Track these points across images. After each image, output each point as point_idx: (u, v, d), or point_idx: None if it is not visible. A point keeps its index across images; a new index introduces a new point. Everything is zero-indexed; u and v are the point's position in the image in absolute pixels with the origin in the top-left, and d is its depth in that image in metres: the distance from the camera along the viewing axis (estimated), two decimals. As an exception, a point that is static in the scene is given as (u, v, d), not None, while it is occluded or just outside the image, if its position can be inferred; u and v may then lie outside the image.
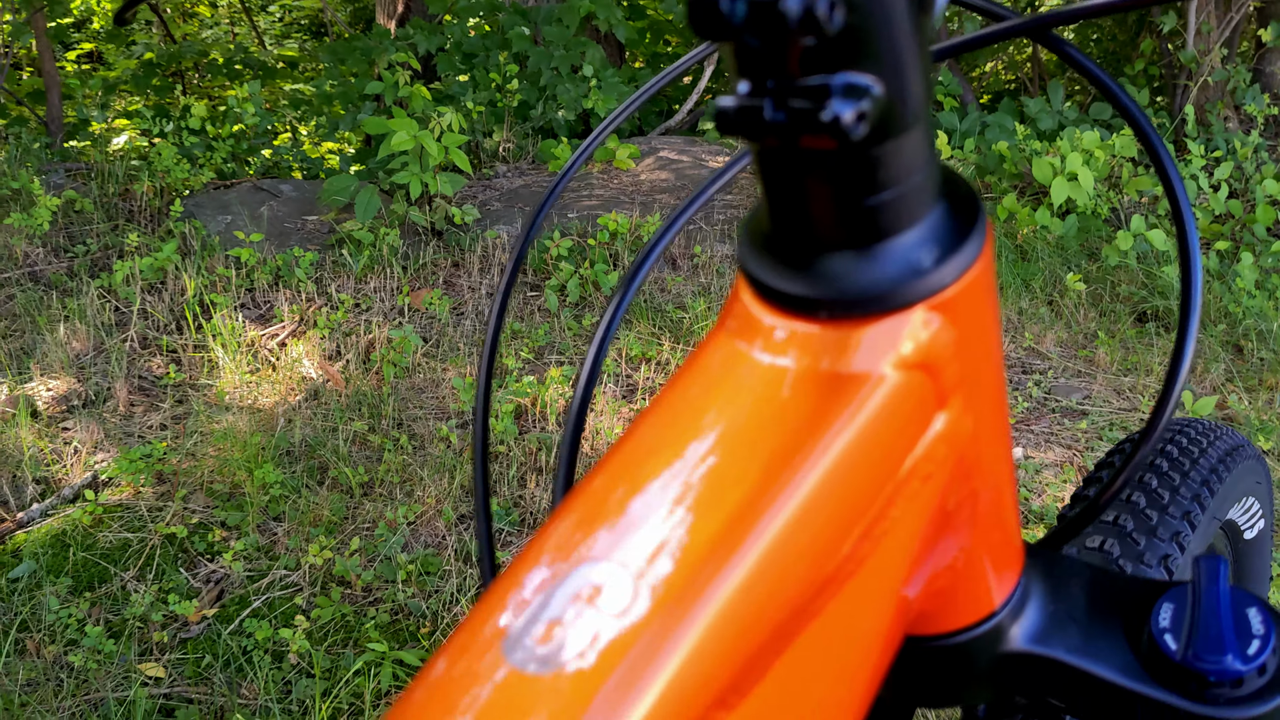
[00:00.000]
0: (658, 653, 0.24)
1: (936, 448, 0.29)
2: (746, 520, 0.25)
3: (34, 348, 2.52)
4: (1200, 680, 0.35)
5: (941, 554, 0.33)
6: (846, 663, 0.29)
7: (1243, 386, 2.55)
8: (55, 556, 1.91)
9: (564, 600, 0.25)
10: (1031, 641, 0.38)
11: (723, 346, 0.29)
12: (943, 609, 0.36)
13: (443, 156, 3.10)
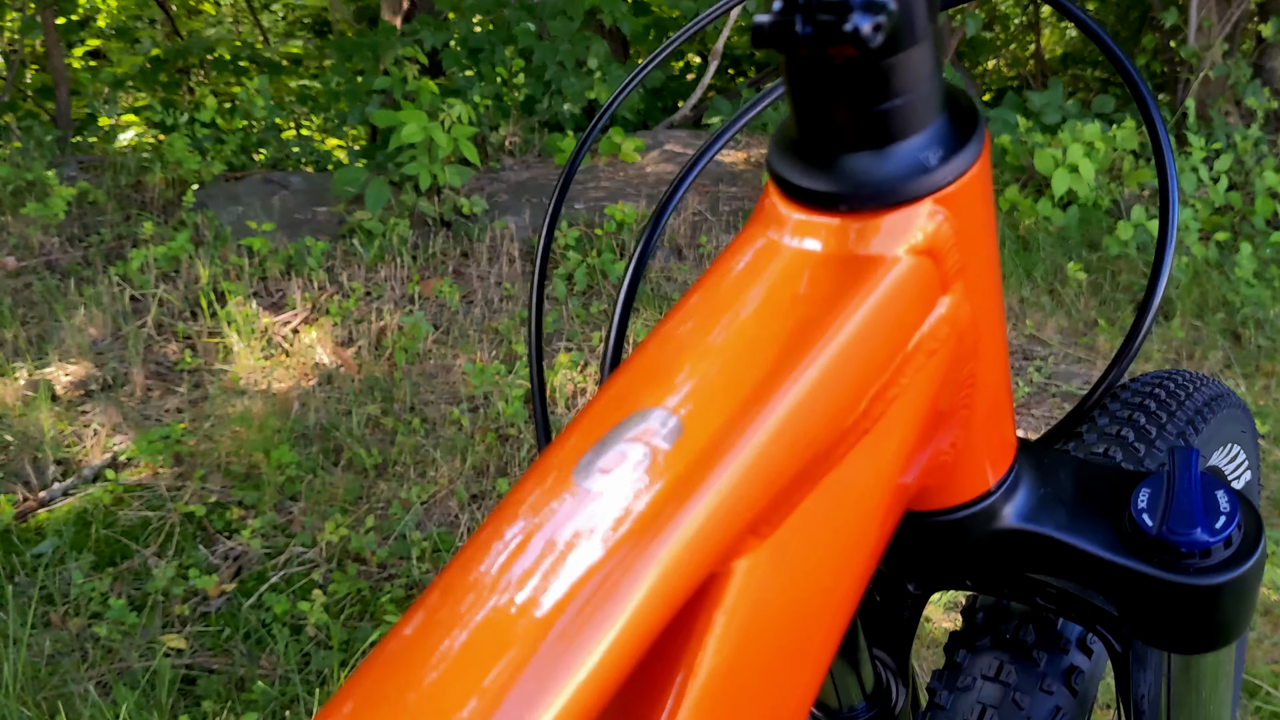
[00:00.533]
0: (704, 479, 0.28)
1: (940, 327, 0.33)
2: (781, 374, 0.30)
3: (52, 334, 2.56)
4: (1173, 552, 0.39)
5: (944, 432, 0.37)
6: (859, 511, 0.33)
7: (1240, 373, 2.59)
8: (77, 534, 1.96)
9: (623, 437, 0.29)
10: (1022, 520, 0.42)
11: (755, 238, 0.33)
12: (942, 486, 0.40)
13: (451, 148, 3.14)
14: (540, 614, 0.26)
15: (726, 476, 0.28)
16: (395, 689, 0.25)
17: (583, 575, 0.27)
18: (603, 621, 0.27)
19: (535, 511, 0.28)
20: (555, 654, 0.26)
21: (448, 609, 0.27)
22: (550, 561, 0.27)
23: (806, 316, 0.31)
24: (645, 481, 0.28)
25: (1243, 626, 0.42)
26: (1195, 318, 2.84)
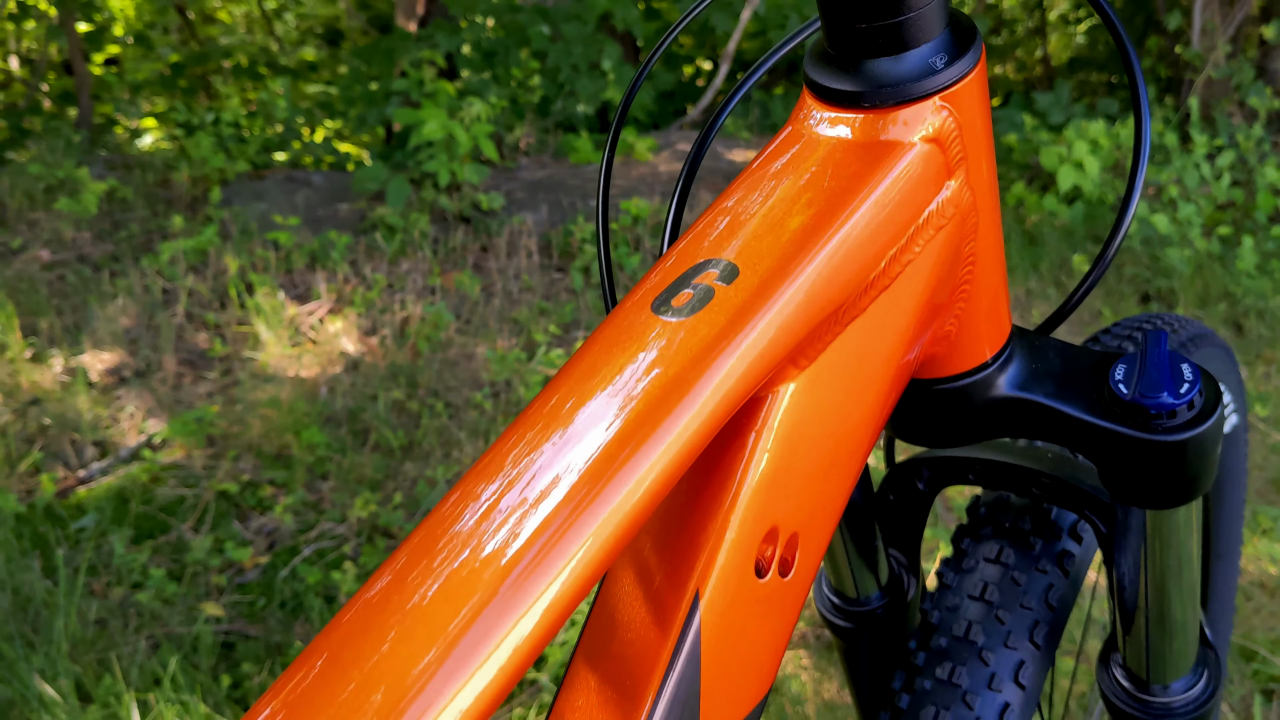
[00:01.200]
0: (756, 312, 0.35)
1: (946, 206, 0.41)
2: (818, 233, 0.37)
3: (85, 323, 2.64)
4: (1144, 414, 0.46)
5: (949, 305, 0.44)
6: (878, 354, 0.40)
7: (1242, 360, 2.66)
8: (117, 510, 2.03)
9: (691, 280, 0.36)
10: (1015, 389, 0.49)
11: (793, 133, 0.41)
12: (946, 356, 0.47)
13: (470, 146, 3.22)
14: (632, 410, 0.33)
15: (774, 312, 0.36)
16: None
17: (662, 389, 0.34)
18: (676, 419, 0.34)
19: (622, 337, 0.35)
20: (642, 432, 0.33)
21: (550, 406, 0.34)
22: (634, 378, 0.34)
23: (838, 189, 0.38)
24: (709, 313, 0.35)
25: (1206, 484, 0.49)
26: (1198, 308, 2.91)
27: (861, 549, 0.65)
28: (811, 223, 0.37)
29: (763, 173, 0.40)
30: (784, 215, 0.38)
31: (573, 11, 4.89)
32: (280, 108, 3.88)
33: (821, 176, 0.39)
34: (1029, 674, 0.58)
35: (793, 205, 0.38)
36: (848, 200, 0.38)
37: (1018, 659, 0.58)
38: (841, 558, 0.65)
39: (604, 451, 0.33)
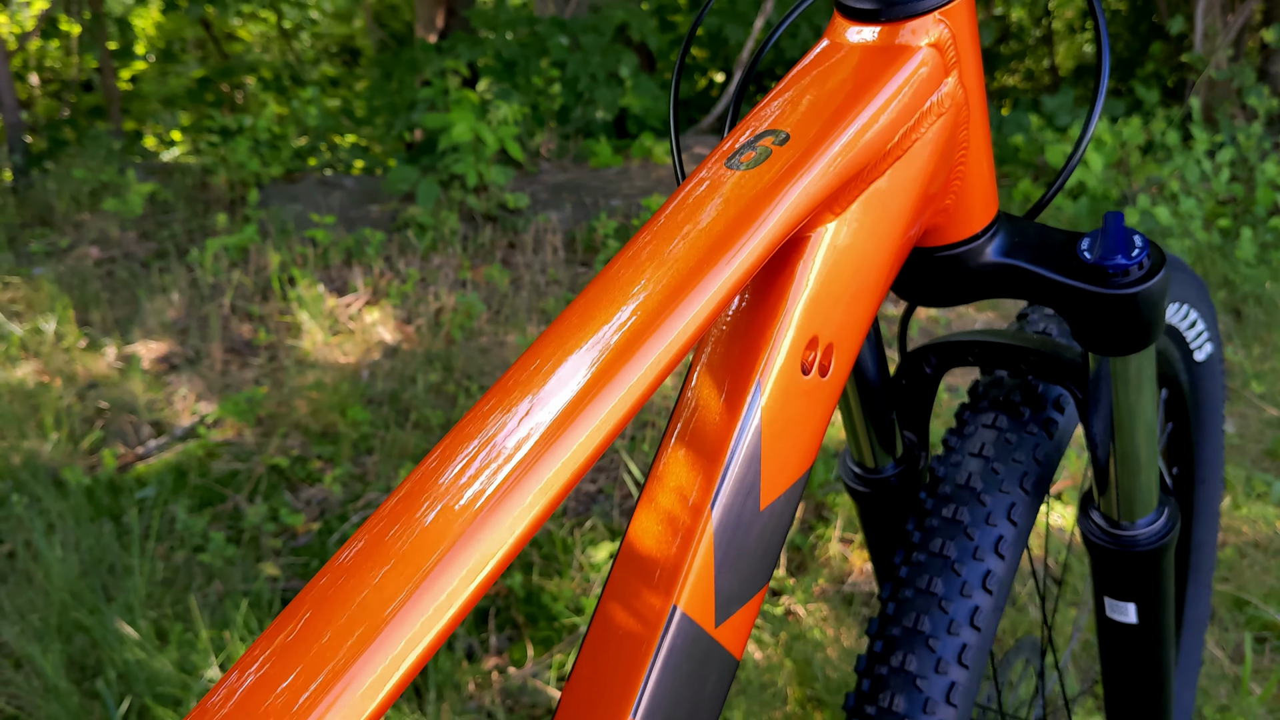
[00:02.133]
0: (804, 166, 0.47)
1: (944, 99, 0.53)
2: (849, 110, 0.49)
3: (135, 315, 2.78)
4: (1103, 273, 0.58)
5: (948, 181, 0.57)
6: (894, 210, 0.53)
7: (1239, 343, 2.77)
8: (175, 482, 2.16)
9: (754, 144, 0.49)
10: (1001, 256, 0.61)
11: (830, 44, 0.53)
12: (944, 227, 0.59)
13: (497, 147, 3.36)
14: (711, 236, 0.46)
15: (816, 169, 0.48)
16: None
17: (732, 221, 0.46)
18: (744, 245, 0.46)
19: (703, 184, 0.48)
20: (718, 254, 0.45)
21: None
22: (711, 212, 0.47)
23: (864, 79, 0.51)
24: (768, 166, 0.47)
25: (1156, 333, 0.61)
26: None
27: (879, 427, 0.77)
28: (845, 103, 0.50)
29: (807, 70, 0.52)
30: (824, 98, 0.50)
31: (590, 23, 5.03)
32: (311, 115, 4.03)
33: (851, 71, 0.51)
34: (1019, 513, 0.71)
35: (830, 90, 0.51)
36: (872, 88, 0.51)
37: (1010, 501, 0.71)
38: (862, 434, 0.78)
39: (690, 266, 0.45)
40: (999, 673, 1.01)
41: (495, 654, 1.81)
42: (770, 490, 0.51)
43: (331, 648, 0.35)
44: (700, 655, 0.50)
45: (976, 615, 0.68)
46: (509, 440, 0.40)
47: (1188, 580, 1.28)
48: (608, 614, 0.50)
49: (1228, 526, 2.10)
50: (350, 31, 10.82)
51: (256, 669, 0.35)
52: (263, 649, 0.35)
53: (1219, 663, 1.81)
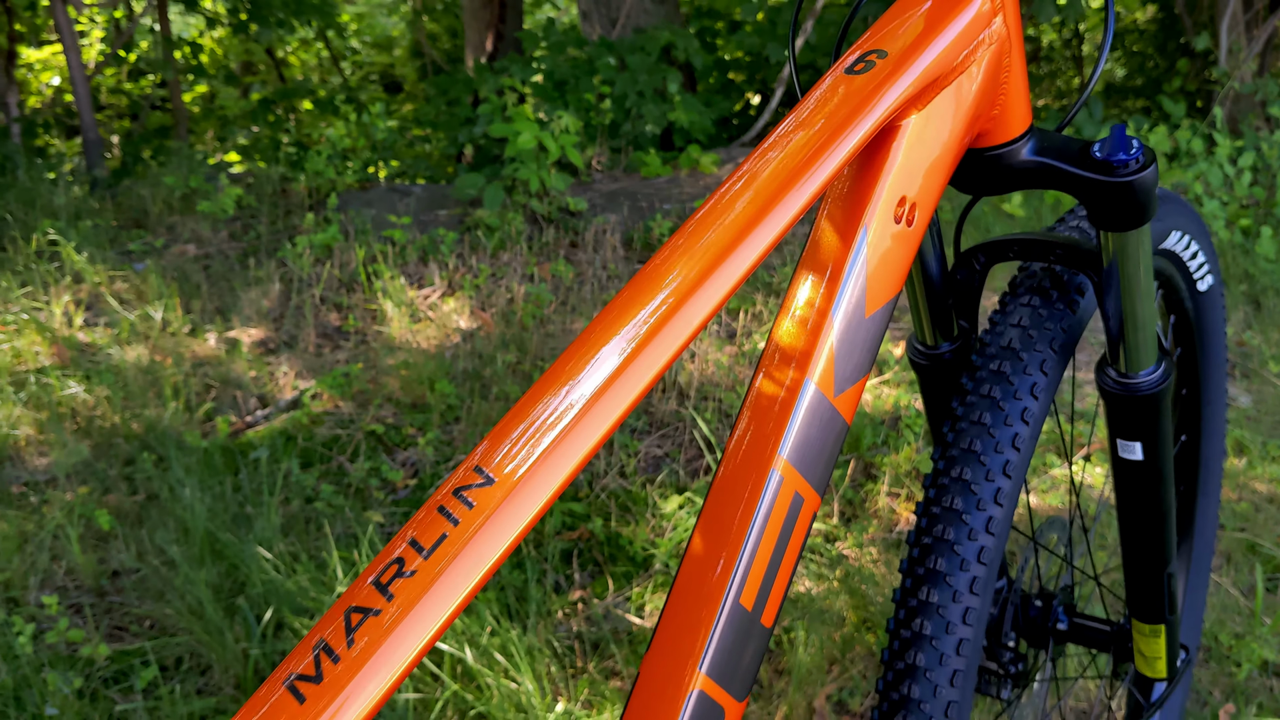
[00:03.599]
0: (898, 71, 0.70)
1: (994, 34, 0.75)
2: (929, 35, 0.71)
3: (232, 305, 3.03)
4: (1110, 166, 0.80)
5: (995, 96, 0.79)
6: (957, 112, 0.75)
7: (1258, 329, 2.96)
8: (285, 445, 2.40)
9: (864, 58, 0.71)
10: (1033, 155, 0.83)
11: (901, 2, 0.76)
12: (992, 133, 0.81)
13: (559, 153, 3.60)
14: (837, 118, 0.68)
15: (907, 77, 0.70)
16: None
17: (852, 106, 0.69)
18: (859, 125, 0.68)
19: (829, 86, 0.70)
20: (843, 129, 0.67)
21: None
22: (837, 98, 0.69)
23: (938, 16, 0.73)
24: (874, 72, 0.70)
25: (1150, 214, 0.82)
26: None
27: (938, 312, 0.99)
28: (925, 32, 0.72)
29: (899, 10, 0.75)
30: (910, 27, 0.73)
31: (637, 43, 5.27)
32: (380, 128, 4.29)
33: (929, 10, 0.74)
34: (1050, 366, 0.92)
35: (915, 24, 0.73)
36: (944, 23, 0.73)
37: (1041, 358, 0.92)
38: (925, 317, 1.00)
39: (821, 141, 0.67)
40: (1034, 545, 1.22)
41: (580, 588, 2.02)
42: (872, 304, 0.73)
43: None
44: (825, 416, 0.72)
45: (1016, 439, 0.89)
46: (701, 251, 0.62)
47: (1197, 492, 1.48)
48: (759, 388, 0.72)
49: (1244, 485, 2.29)
50: (390, 60, 11.16)
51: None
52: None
53: (1234, 599, 2.00)
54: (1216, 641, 1.90)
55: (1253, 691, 1.79)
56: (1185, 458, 1.45)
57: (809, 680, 1.76)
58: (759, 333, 2.89)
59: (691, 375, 2.64)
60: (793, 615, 1.88)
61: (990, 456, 0.89)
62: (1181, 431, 1.43)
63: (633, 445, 2.38)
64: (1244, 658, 1.84)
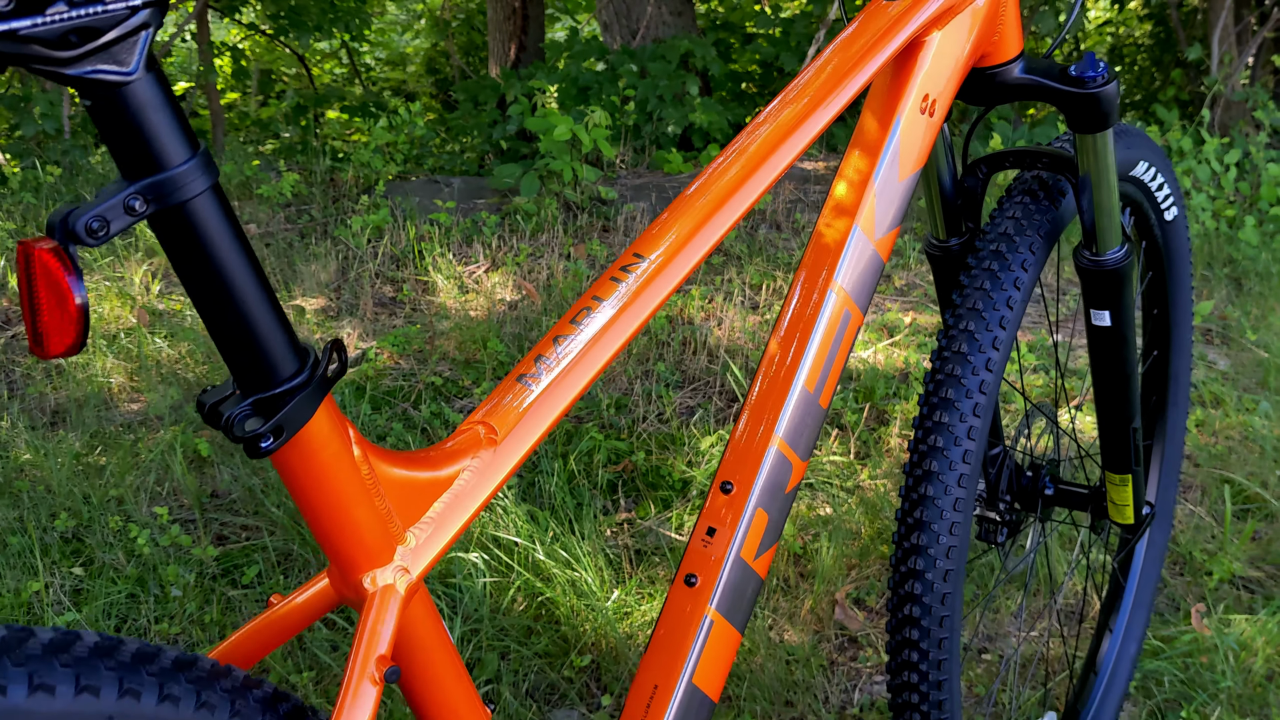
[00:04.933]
0: (921, 6, 0.95)
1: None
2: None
3: (293, 278, 3.29)
4: (1082, 81, 1.05)
5: (994, 27, 1.04)
6: (970, 31, 1.01)
7: (1239, 306, 3.22)
8: (354, 393, 2.65)
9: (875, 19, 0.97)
10: (1024, 74, 1.08)
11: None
12: (991, 55, 1.07)
13: (591, 146, 3.87)
14: (880, 34, 0.94)
15: (932, 5, 0.97)
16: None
17: (892, 24, 0.95)
18: (895, 38, 0.94)
19: (869, 14, 0.96)
20: (883, 38, 0.93)
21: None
22: (879, 27, 0.95)
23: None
24: (906, 2, 0.96)
25: (1112, 120, 1.08)
26: (1205, 269, 3.48)
27: (948, 212, 1.25)
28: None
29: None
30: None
31: (657, 52, 5.55)
32: (419, 125, 4.56)
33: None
34: (1038, 247, 1.18)
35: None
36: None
37: (1031, 240, 1.18)
38: (939, 215, 1.25)
39: (867, 47, 0.94)
40: (1025, 422, 1.48)
41: (625, 511, 2.28)
42: (904, 172, 0.99)
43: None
44: (868, 254, 0.98)
45: (1010, 300, 1.15)
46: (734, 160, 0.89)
47: (1167, 403, 1.73)
48: (819, 232, 0.98)
49: (1221, 430, 2.54)
50: (404, 76, 11.48)
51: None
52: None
53: (1208, 524, 2.25)
54: (1191, 557, 2.15)
55: (1220, 596, 2.04)
56: (1156, 371, 1.70)
57: (831, 580, 2.01)
58: (777, 299, 3.15)
59: (720, 339, 2.90)
60: (817, 528, 2.14)
61: (990, 313, 1.14)
62: (1153, 347, 1.68)
63: (668, 396, 2.63)
64: (1215, 569, 2.09)
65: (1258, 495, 2.31)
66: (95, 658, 0.58)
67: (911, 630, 1.13)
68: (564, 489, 2.24)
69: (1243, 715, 1.76)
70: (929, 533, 1.11)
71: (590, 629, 1.87)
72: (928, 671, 1.13)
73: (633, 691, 0.95)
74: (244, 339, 0.62)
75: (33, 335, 0.55)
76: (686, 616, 0.94)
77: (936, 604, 1.11)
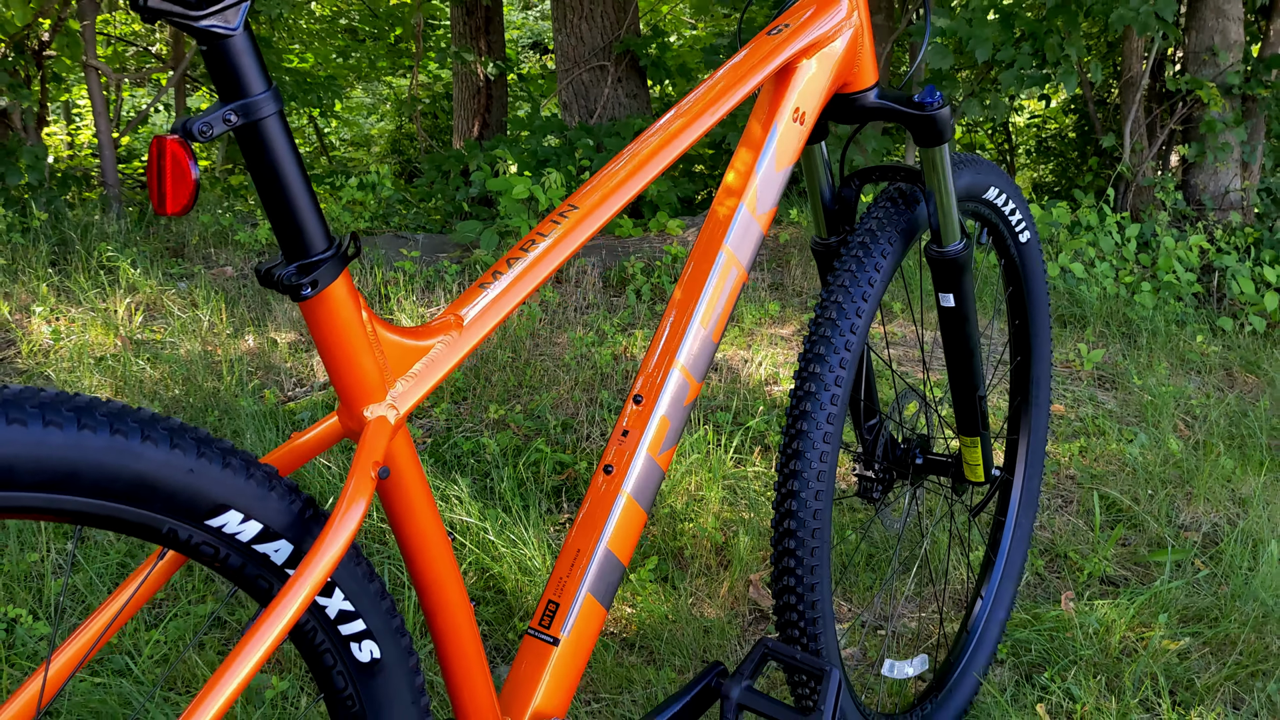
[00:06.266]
0: (799, 32, 1.26)
1: (852, 22, 1.31)
2: (818, 18, 1.28)
3: (267, 314, 3.55)
4: (923, 105, 1.36)
5: (853, 59, 1.35)
6: (834, 61, 1.31)
7: (1130, 358, 3.56)
8: (323, 411, 2.90)
9: (776, 27, 1.27)
10: (878, 99, 1.38)
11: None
12: (852, 83, 1.36)
13: (548, 204, 4.19)
14: (758, 57, 1.24)
15: (802, 37, 1.27)
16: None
17: (766, 55, 1.25)
18: (773, 61, 1.25)
19: (756, 44, 1.27)
20: (762, 63, 1.24)
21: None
22: (763, 52, 1.26)
23: (822, 8, 1.30)
24: (786, 34, 1.26)
25: (946, 136, 1.39)
26: (1104, 325, 3.83)
27: (829, 218, 1.55)
28: (811, 16, 1.29)
29: (795, 9, 1.32)
30: (802, 15, 1.30)
31: (613, 129, 5.92)
32: (386, 187, 4.87)
33: (819, 5, 1.31)
34: (896, 242, 1.47)
35: (810, 12, 1.30)
36: (825, 12, 1.30)
37: (890, 236, 1.47)
38: (820, 219, 1.56)
39: (752, 66, 1.24)
40: (897, 405, 1.77)
41: (568, 513, 2.53)
42: (780, 165, 1.29)
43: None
44: (752, 226, 1.27)
45: (871, 280, 1.44)
46: (653, 135, 1.19)
47: (1030, 403, 2.03)
48: (714, 210, 1.28)
49: (1102, 456, 2.86)
50: (369, 158, 11.87)
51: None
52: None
53: (1082, 530, 2.54)
54: (1067, 557, 2.44)
55: (1089, 587, 2.33)
56: (1020, 375, 2.01)
57: (747, 566, 2.28)
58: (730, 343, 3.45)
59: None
60: (737, 525, 2.41)
61: (855, 288, 1.44)
62: (1017, 354, 1.99)
63: (610, 419, 2.90)
64: (1086, 567, 2.37)
65: (1130, 509, 2.61)
66: (204, 446, 0.85)
67: (789, 540, 1.40)
68: (514, 491, 2.49)
69: (1096, 678, 2.03)
70: (804, 460, 1.39)
71: (533, 598, 2.12)
72: (803, 576, 1.40)
73: (561, 556, 1.22)
74: (294, 221, 0.89)
75: (157, 200, 0.82)
76: (604, 496, 1.21)
77: (810, 517, 1.39)
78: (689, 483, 2.56)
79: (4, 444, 0.74)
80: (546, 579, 2.14)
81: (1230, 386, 3.49)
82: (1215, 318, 4.20)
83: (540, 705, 1.17)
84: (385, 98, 12.13)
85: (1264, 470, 2.82)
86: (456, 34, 7.56)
